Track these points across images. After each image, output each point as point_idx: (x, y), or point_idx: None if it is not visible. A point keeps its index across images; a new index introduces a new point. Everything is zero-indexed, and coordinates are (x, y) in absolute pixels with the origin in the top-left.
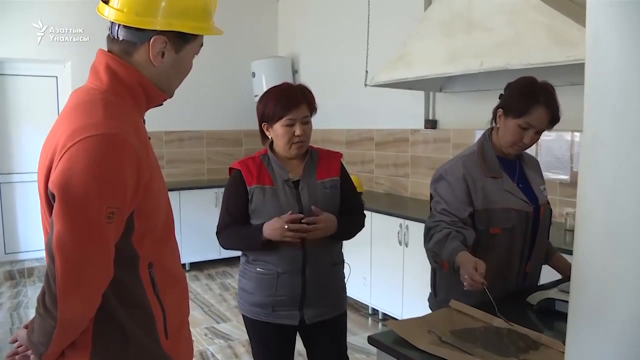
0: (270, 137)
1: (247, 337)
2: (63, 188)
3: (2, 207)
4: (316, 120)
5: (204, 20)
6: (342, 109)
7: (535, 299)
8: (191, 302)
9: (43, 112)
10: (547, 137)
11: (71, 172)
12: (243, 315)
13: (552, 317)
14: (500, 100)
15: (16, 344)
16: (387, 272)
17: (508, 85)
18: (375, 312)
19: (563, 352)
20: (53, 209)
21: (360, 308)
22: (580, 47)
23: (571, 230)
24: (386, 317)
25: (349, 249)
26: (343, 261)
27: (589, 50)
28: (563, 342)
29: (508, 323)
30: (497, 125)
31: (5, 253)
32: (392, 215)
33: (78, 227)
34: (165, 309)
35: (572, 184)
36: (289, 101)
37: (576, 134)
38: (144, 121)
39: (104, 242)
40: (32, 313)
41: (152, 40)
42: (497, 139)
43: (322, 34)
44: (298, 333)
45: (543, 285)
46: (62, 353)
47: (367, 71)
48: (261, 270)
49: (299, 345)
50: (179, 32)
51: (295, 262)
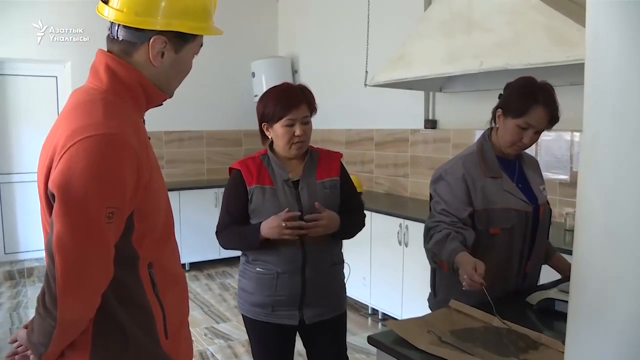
0: (270, 137)
1: (246, 337)
2: (63, 188)
3: (1, 207)
4: (316, 120)
5: (203, 20)
6: (342, 109)
7: (535, 299)
8: (191, 302)
9: (43, 112)
10: (546, 137)
11: (71, 172)
12: (243, 315)
13: (552, 317)
14: (499, 100)
15: (16, 344)
16: (387, 272)
17: (507, 85)
18: (375, 312)
19: (563, 352)
20: (53, 209)
21: (360, 308)
22: (580, 47)
23: (571, 230)
24: (386, 317)
25: (348, 248)
26: (343, 261)
27: (589, 50)
28: (563, 342)
29: (502, 322)
30: (497, 125)
31: (5, 253)
32: (391, 215)
33: (78, 227)
34: (165, 309)
35: (571, 184)
36: (289, 101)
37: (576, 134)
38: (144, 121)
39: (104, 242)
40: (31, 313)
41: (151, 40)
42: (497, 139)
43: (322, 34)
44: (298, 333)
45: (543, 285)
46: (62, 353)
47: (367, 71)
48: (261, 270)
49: (299, 345)
50: (179, 32)
51: (294, 262)
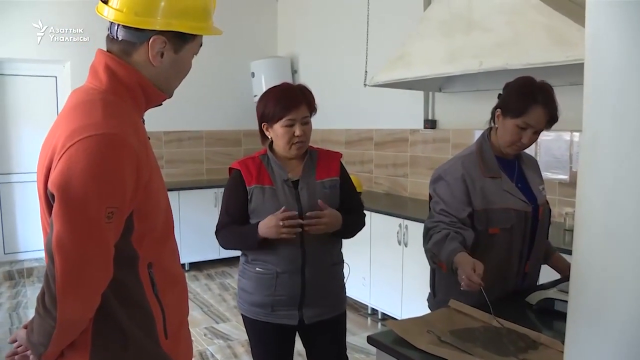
0: (270, 137)
1: (246, 337)
2: (62, 188)
3: (1, 208)
4: (316, 120)
5: (203, 20)
6: (341, 109)
7: (534, 298)
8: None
9: (42, 112)
10: (546, 137)
11: (70, 172)
12: (242, 315)
13: (551, 317)
14: (498, 100)
15: (15, 344)
16: (387, 272)
17: (506, 85)
18: (375, 312)
19: (562, 352)
20: (53, 209)
21: (360, 308)
22: (579, 47)
23: (570, 230)
24: (385, 317)
25: (348, 248)
26: (342, 261)
27: (589, 50)
28: (562, 342)
29: (496, 320)
30: (496, 125)
31: (5, 253)
32: (391, 215)
33: (77, 227)
34: (164, 309)
35: (571, 184)
36: (289, 101)
37: (575, 134)
38: (144, 121)
39: (104, 242)
40: (31, 313)
41: (151, 40)
42: (496, 139)
43: (321, 34)
44: (297, 333)
45: (542, 285)
46: (62, 353)
47: (366, 71)
48: (260, 270)
49: (299, 345)
50: (178, 32)
51: (294, 262)
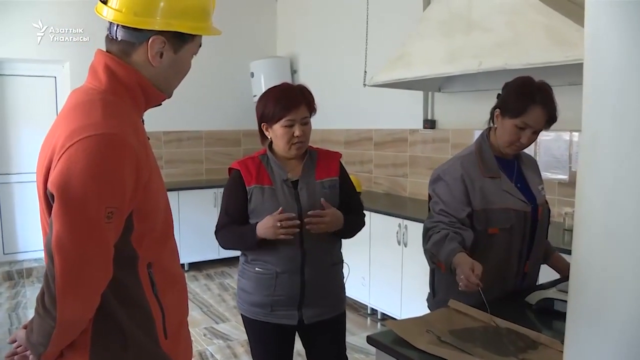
0: (270, 137)
1: (246, 337)
2: (62, 188)
3: (0, 208)
4: (315, 120)
5: (202, 21)
6: (341, 109)
7: (534, 298)
8: (190, 302)
9: (42, 113)
10: (545, 137)
11: (70, 173)
12: (242, 315)
13: (551, 317)
14: (497, 100)
15: (15, 344)
16: (386, 272)
17: (505, 85)
18: (374, 312)
19: (562, 352)
20: (52, 209)
21: (359, 308)
22: (579, 47)
23: (570, 230)
24: (385, 317)
25: (347, 248)
26: (342, 261)
27: (588, 50)
28: (562, 342)
29: (492, 320)
30: (495, 125)
31: (4, 253)
32: (391, 215)
33: (77, 227)
34: (164, 309)
35: (570, 184)
36: (288, 102)
37: (575, 133)
38: (143, 121)
39: (103, 242)
40: (30, 313)
41: (150, 40)
42: (495, 139)
43: (321, 34)
44: (297, 333)
45: (542, 285)
46: (61, 353)
47: (366, 71)
48: (260, 270)
49: (298, 345)
50: (178, 32)
51: (294, 262)
